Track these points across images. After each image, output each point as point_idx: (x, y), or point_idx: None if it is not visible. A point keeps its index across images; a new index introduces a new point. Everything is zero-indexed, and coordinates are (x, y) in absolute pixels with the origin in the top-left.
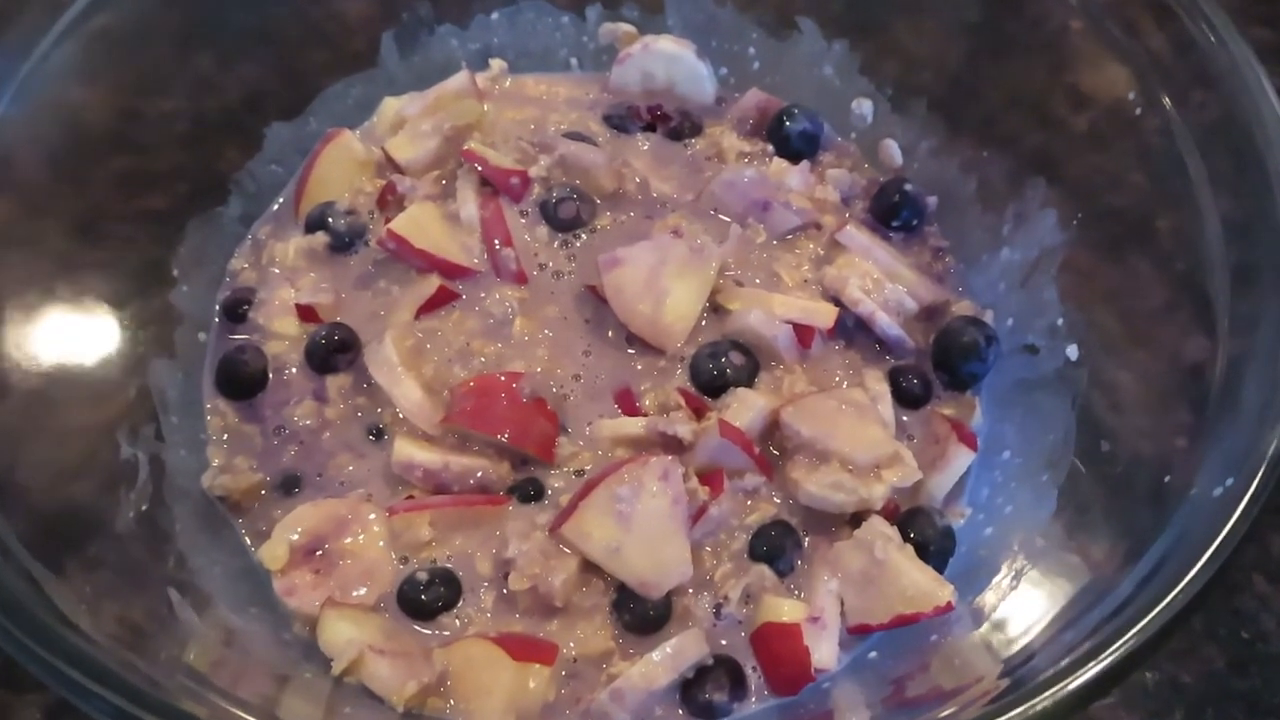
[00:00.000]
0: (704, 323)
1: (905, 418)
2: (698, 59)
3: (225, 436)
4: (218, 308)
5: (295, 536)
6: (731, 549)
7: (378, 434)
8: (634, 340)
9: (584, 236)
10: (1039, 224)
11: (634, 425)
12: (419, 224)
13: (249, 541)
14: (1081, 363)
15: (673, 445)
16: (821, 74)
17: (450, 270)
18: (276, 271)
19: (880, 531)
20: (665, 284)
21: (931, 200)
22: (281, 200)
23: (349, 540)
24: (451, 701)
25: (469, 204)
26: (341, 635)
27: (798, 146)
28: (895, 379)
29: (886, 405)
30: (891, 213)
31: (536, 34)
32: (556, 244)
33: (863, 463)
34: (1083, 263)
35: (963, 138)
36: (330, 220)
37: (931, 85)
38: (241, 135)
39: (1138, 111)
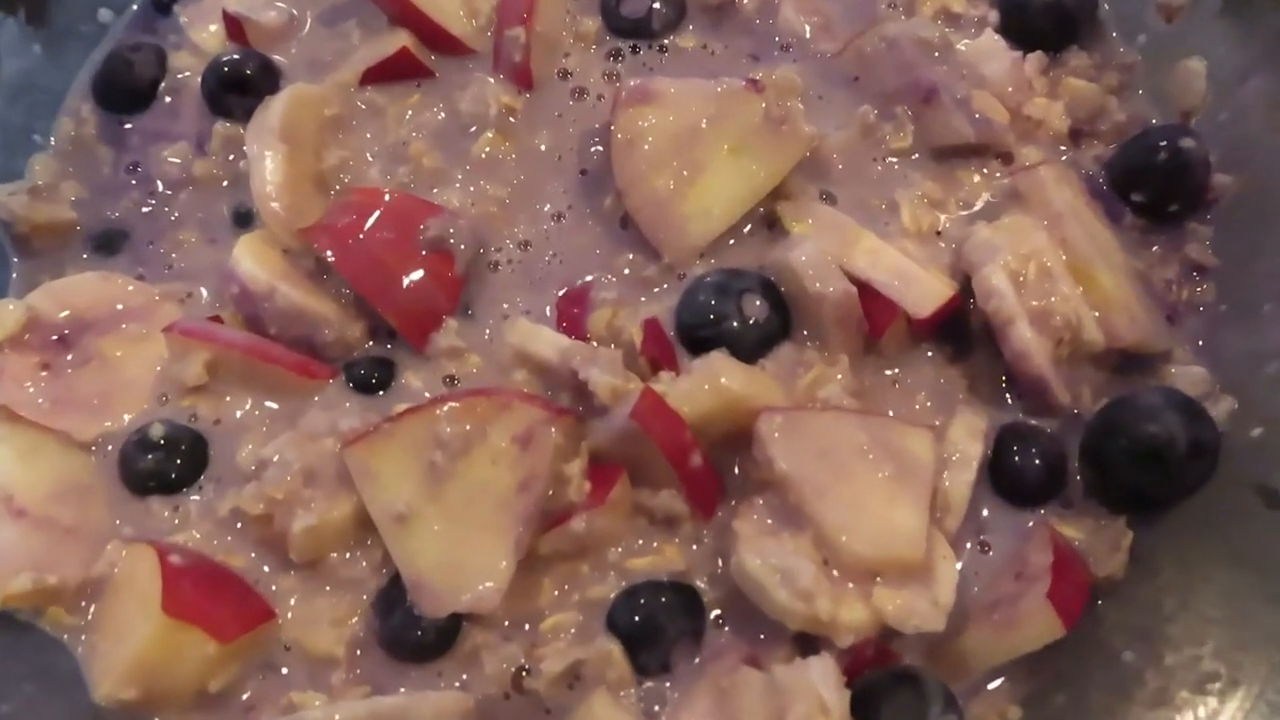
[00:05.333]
0: (742, 235)
1: (987, 512)
2: None
3: (69, 149)
4: None
5: (49, 307)
6: (588, 594)
7: (243, 219)
8: (629, 224)
9: (645, 51)
10: None
11: (550, 342)
12: None
13: (11, 291)
14: None
15: (584, 398)
16: None
17: (432, 34)
18: None
19: (815, 690)
20: (704, 155)
21: (1224, 181)
22: None
23: (115, 342)
24: (84, 620)
25: None
26: None
27: (1036, 23)
28: (1006, 443)
29: (963, 479)
30: (1141, 179)
31: None
32: (602, 49)
33: (855, 559)
34: None
35: None
36: None
37: None
38: None
39: None
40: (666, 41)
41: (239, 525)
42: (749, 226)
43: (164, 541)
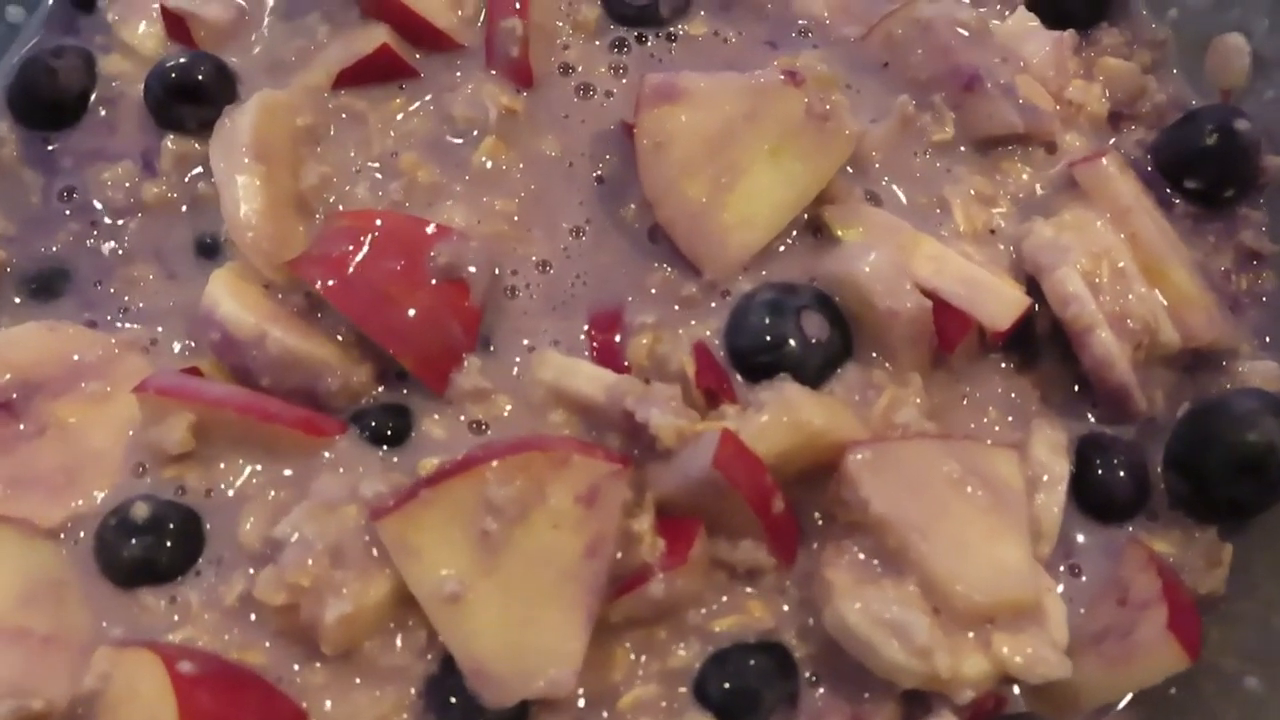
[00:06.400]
0: (786, 244)
1: (1086, 537)
2: None
3: None
4: None
5: None
6: (668, 663)
7: (209, 249)
8: (661, 236)
9: (653, 41)
10: None
11: (593, 380)
12: None
13: None
14: None
15: (641, 441)
16: None
17: (414, 28)
18: None
19: None
20: (743, 157)
21: (1276, 162)
22: None
23: (72, 405)
24: None
25: None
26: None
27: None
28: (1088, 457)
29: (1054, 501)
30: (1195, 164)
31: None
32: (605, 40)
33: (970, 607)
34: None
35: None
36: None
37: None
38: None
39: None
40: (674, 29)
41: (252, 615)
42: (793, 234)
43: (164, 643)
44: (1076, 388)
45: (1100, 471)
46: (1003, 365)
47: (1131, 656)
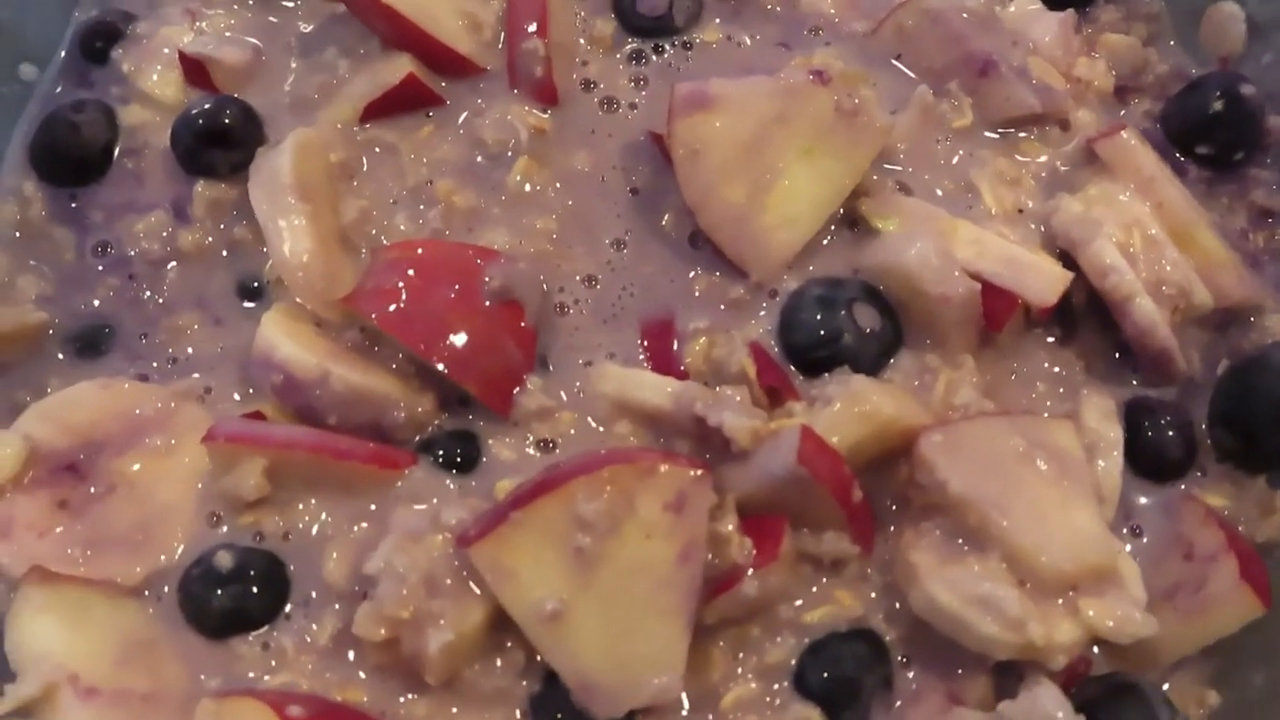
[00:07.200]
0: (828, 241)
1: (1142, 498)
2: None
3: (16, 235)
4: (70, 34)
5: (48, 432)
6: (765, 659)
7: (253, 293)
8: (702, 242)
9: (670, 50)
10: None
11: (658, 388)
12: None
13: None
14: None
15: (712, 445)
16: None
17: (437, 55)
18: None
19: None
20: (778, 158)
21: (1279, 123)
22: None
23: (138, 461)
24: None
25: None
26: (38, 640)
27: None
28: (1137, 420)
29: (1112, 466)
30: (1205, 130)
31: None
32: (624, 54)
33: (1057, 575)
34: None
35: None
36: None
37: None
38: None
39: None
40: (689, 38)
41: (349, 653)
42: (831, 229)
43: (264, 689)
44: (1117, 355)
45: (1150, 434)
46: (1047, 340)
47: (1207, 609)
